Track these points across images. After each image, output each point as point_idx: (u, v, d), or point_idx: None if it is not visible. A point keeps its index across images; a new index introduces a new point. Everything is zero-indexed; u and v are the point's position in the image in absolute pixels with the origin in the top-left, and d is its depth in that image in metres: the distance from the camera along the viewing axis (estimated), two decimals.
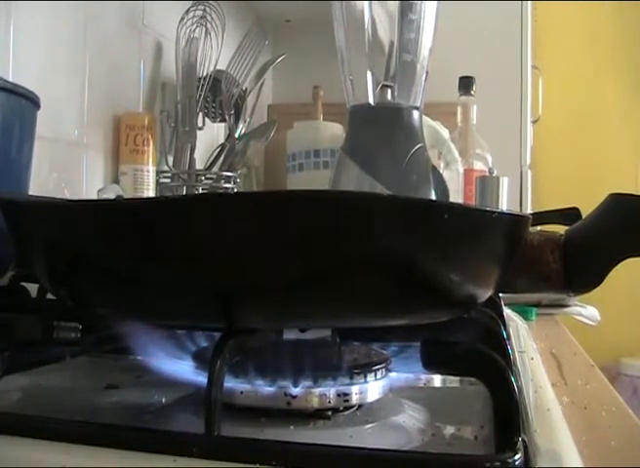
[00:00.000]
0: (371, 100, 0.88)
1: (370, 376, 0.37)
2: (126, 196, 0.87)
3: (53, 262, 0.34)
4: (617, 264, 0.38)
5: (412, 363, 0.39)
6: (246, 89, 1.09)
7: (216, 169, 1.05)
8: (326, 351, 0.40)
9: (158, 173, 0.97)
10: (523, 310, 0.77)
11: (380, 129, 0.87)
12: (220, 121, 1.11)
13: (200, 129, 1.03)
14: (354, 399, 0.36)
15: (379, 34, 0.87)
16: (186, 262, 0.30)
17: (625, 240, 0.38)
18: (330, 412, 0.35)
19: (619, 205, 0.39)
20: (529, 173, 1.43)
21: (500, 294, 0.48)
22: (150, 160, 0.93)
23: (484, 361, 0.33)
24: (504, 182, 1.01)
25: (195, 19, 1.00)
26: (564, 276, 0.40)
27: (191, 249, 0.29)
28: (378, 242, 0.29)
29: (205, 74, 1.01)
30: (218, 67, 1.04)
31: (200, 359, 0.37)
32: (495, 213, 0.33)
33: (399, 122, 0.88)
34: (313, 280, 0.30)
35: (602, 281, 0.39)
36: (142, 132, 0.92)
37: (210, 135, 1.17)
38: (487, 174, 1.07)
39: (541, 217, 0.55)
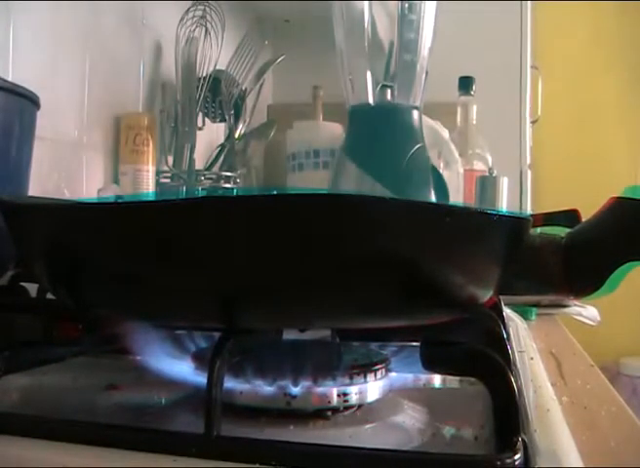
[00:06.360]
0: (370, 100, 0.87)
1: (370, 376, 0.37)
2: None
3: (53, 263, 0.34)
4: (617, 268, 0.38)
5: (412, 363, 0.39)
6: (246, 89, 1.09)
7: (216, 169, 1.06)
8: (326, 351, 0.40)
9: (158, 173, 0.97)
10: (523, 310, 0.77)
11: (380, 129, 0.87)
12: (220, 121, 1.11)
13: (200, 129, 1.03)
14: (354, 399, 0.36)
15: (379, 34, 0.87)
16: (187, 263, 0.30)
17: (627, 244, 0.38)
18: (330, 412, 0.35)
19: (620, 209, 0.39)
20: (529, 173, 1.44)
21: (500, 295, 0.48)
22: (150, 160, 0.93)
23: (484, 361, 0.33)
24: (504, 182, 1.01)
25: (195, 19, 1.00)
26: (565, 279, 0.40)
27: (191, 250, 0.29)
28: (378, 244, 0.29)
29: (205, 74, 1.01)
30: (218, 67, 1.04)
31: (200, 359, 0.37)
32: (496, 215, 0.33)
33: (399, 122, 0.88)
34: (313, 281, 0.30)
35: (603, 284, 0.39)
36: (142, 132, 0.92)
37: (210, 135, 1.17)
38: (487, 174, 1.07)
39: (540, 219, 0.55)
